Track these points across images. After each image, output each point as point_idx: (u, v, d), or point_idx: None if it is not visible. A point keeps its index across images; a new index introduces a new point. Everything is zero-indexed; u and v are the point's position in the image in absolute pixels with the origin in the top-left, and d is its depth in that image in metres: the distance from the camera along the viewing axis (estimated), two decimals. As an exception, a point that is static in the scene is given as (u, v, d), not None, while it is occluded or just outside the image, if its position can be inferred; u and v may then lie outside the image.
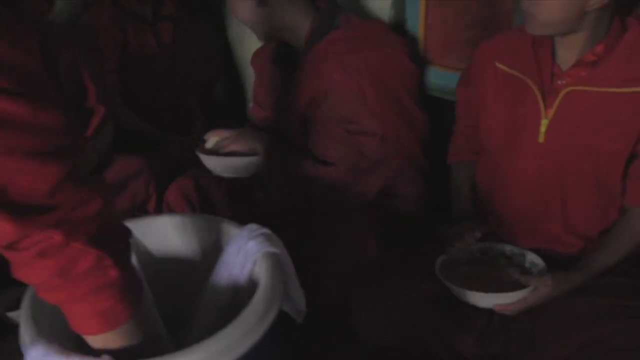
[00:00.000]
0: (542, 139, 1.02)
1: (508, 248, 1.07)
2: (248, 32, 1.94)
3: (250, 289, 0.80)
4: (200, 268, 0.91)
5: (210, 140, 1.32)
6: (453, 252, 1.05)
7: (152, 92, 1.86)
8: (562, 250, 1.08)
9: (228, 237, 0.90)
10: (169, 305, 0.86)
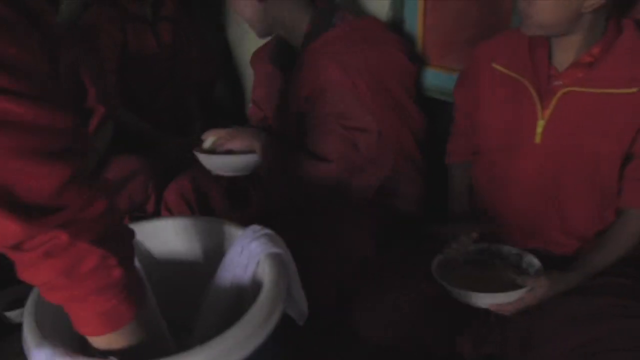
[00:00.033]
0: (538, 140, 1.03)
1: (505, 248, 1.07)
2: (247, 32, 1.94)
3: (254, 290, 0.81)
4: (203, 270, 0.91)
5: (208, 140, 1.32)
6: (450, 252, 1.05)
7: (151, 92, 1.85)
8: (558, 251, 1.08)
9: (231, 238, 0.89)
10: (172, 308, 0.86)
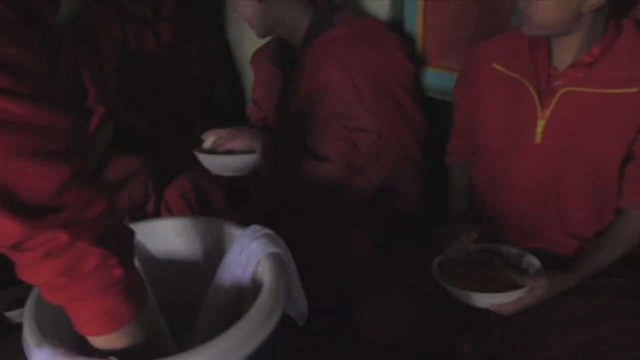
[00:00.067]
0: (538, 140, 1.03)
1: (505, 248, 1.07)
2: (247, 33, 1.94)
3: (253, 290, 0.81)
4: (203, 270, 0.91)
5: (208, 140, 1.32)
6: (450, 252, 1.05)
7: (151, 92, 1.86)
8: (558, 251, 1.08)
9: (230, 239, 0.89)
10: (172, 308, 0.85)
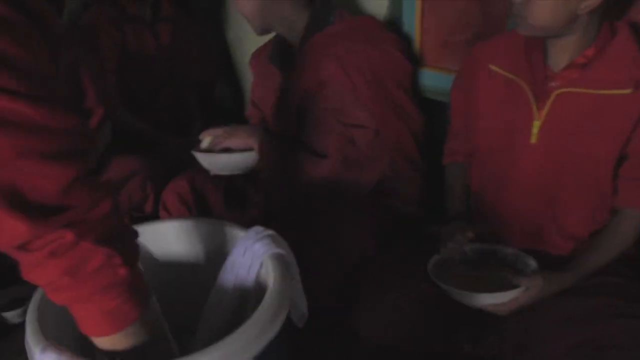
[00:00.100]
0: (534, 140, 1.04)
1: (500, 248, 1.08)
2: (246, 33, 1.94)
3: (257, 291, 0.81)
4: (205, 272, 0.90)
5: (205, 140, 1.32)
6: (446, 251, 1.06)
7: (151, 92, 1.85)
8: (554, 251, 1.09)
9: (233, 240, 0.89)
10: (174, 310, 0.84)
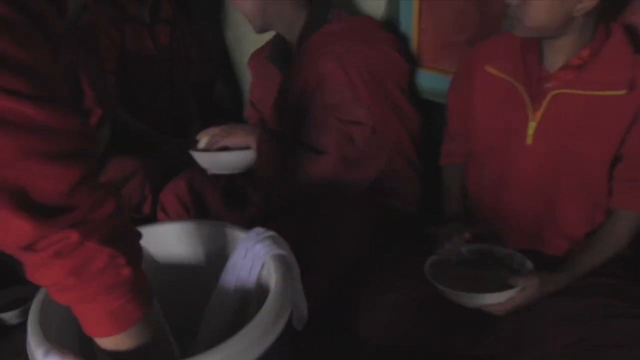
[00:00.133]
0: (530, 141, 1.04)
1: (497, 249, 1.08)
2: (245, 34, 1.94)
3: (258, 293, 0.80)
4: (206, 274, 0.90)
5: (203, 140, 1.31)
6: (443, 252, 1.06)
7: (150, 93, 1.85)
8: (550, 251, 1.10)
9: (234, 241, 0.88)
10: (175, 312, 0.84)
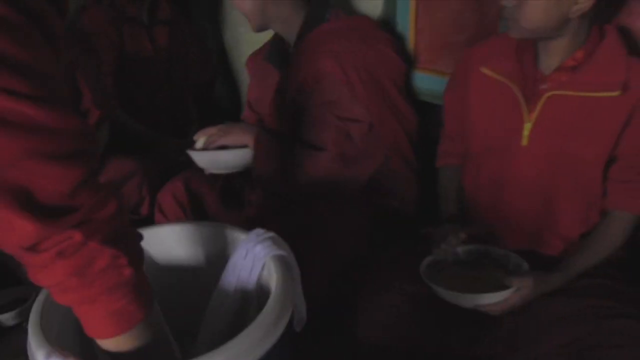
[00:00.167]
0: (525, 142, 1.05)
1: (493, 249, 1.08)
2: (243, 35, 1.94)
3: (259, 294, 0.81)
4: (206, 275, 0.90)
5: (200, 140, 1.32)
6: (439, 252, 1.07)
7: (149, 94, 1.85)
8: (546, 252, 1.10)
9: (234, 243, 0.89)
10: (175, 314, 0.84)
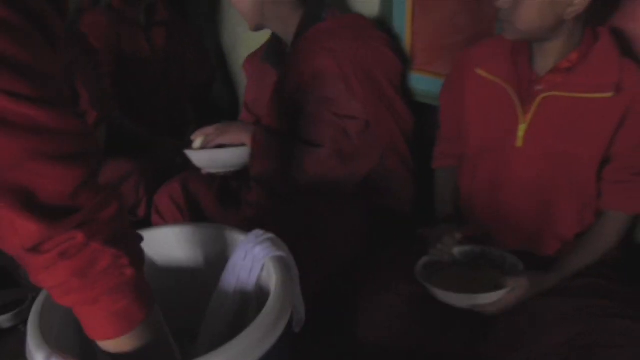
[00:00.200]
0: (520, 143, 1.06)
1: (489, 250, 1.09)
2: (241, 37, 1.95)
3: (258, 294, 0.81)
4: (205, 277, 0.90)
5: (197, 140, 1.32)
6: (435, 253, 1.07)
7: (146, 95, 1.85)
8: (542, 252, 1.11)
9: (233, 244, 0.88)
10: (174, 315, 0.83)
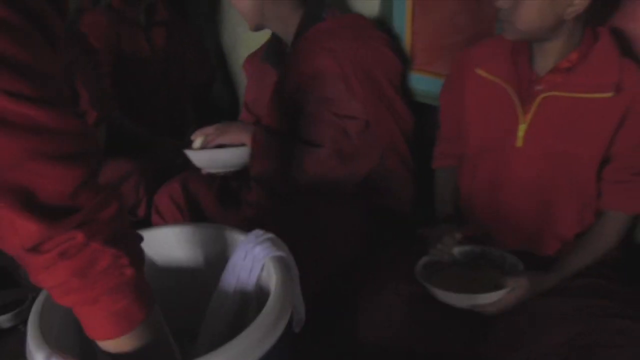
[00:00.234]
0: (520, 144, 1.06)
1: (489, 250, 1.09)
2: (241, 37, 1.95)
3: (258, 295, 0.81)
4: (205, 277, 0.90)
5: (197, 140, 1.32)
6: (435, 253, 1.07)
7: (147, 95, 1.85)
8: (540, 252, 1.11)
9: (233, 244, 0.88)
10: (174, 315, 0.83)
